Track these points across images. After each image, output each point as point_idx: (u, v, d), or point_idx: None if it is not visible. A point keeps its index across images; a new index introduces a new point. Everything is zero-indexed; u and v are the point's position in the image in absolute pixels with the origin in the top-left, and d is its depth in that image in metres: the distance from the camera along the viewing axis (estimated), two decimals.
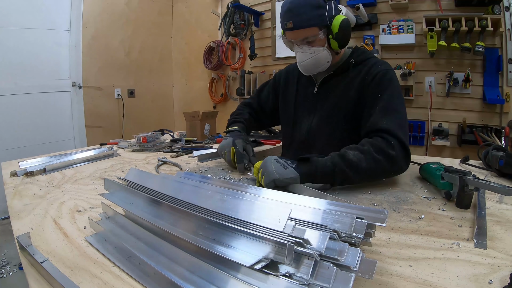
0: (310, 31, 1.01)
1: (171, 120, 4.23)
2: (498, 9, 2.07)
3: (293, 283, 0.39)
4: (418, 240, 0.59)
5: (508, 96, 2.15)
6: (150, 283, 0.46)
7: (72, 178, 1.09)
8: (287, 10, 1.03)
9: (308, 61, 1.06)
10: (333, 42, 1.03)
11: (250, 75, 3.28)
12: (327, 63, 1.08)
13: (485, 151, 1.08)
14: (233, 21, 3.27)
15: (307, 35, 1.02)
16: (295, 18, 1.01)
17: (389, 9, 2.51)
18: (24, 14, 2.80)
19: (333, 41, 1.03)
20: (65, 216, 0.74)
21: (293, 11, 1.01)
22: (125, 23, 3.63)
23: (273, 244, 0.41)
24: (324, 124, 1.13)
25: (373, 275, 0.39)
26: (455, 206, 0.74)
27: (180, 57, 4.16)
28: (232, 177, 1.06)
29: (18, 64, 2.80)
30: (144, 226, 0.57)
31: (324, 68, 1.09)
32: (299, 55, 1.07)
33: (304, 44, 1.05)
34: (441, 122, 2.39)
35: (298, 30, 1.02)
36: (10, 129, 2.78)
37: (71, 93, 3.21)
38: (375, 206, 0.77)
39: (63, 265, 0.52)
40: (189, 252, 0.47)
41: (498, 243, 0.56)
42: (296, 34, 1.04)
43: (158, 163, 1.29)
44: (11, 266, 1.97)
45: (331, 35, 1.02)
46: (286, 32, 1.06)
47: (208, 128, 1.92)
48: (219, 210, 0.50)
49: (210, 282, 0.42)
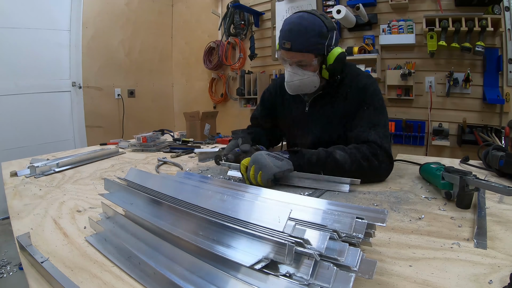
0: (306, 56, 1.03)
1: (171, 120, 4.23)
2: (498, 9, 2.07)
3: (293, 283, 0.39)
4: (418, 240, 0.58)
5: (508, 96, 2.15)
6: (150, 283, 0.46)
7: (72, 178, 1.09)
8: (289, 29, 1.02)
9: (296, 82, 1.08)
10: (325, 72, 1.06)
11: (250, 75, 3.28)
12: (314, 88, 1.10)
13: (485, 151, 1.08)
14: (233, 21, 3.27)
15: (301, 59, 1.04)
16: (294, 40, 1.01)
17: (389, 9, 2.51)
18: (25, 14, 2.79)
19: (325, 71, 1.05)
20: (65, 216, 0.74)
21: (294, 32, 1.01)
22: (125, 23, 3.63)
23: (273, 244, 0.41)
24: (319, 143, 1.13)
25: (373, 275, 0.39)
26: (455, 206, 0.74)
27: (180, 57, 4.16)
28: (232, 177, 1.06)
29: (18, 64, 2.80)
30: (144, 226, 0.57)
31: (309, 91, 1.11)
32: (288, 74, 1.08)
33: (296, 66, 1.06)
34: (441, 122, 2.39)
35: (294, 52, 1.03)
36: (10, 129, 2.78)
37: (71, 93, 3.21)
38: (375, 206, 0.77)
39: (63, 265, 0.52)
40: (189, 252, 0.47)
41: (498, 243, 0.56)
42: (291, 55, 1.04)
43: (158, 163, 1.29)
44: (11, 266, 1.97)
45: (324, 65, 1.04)
46: (282, 50, 1.06)
47: (208, 128, 1.92)
48: (219, 210, 0.50)
49: (210, 282, 0.42)
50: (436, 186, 0.84)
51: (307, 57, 1.03)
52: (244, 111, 3.51)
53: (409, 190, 0.88)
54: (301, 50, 1.02)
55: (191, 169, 1.21)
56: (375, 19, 2.57)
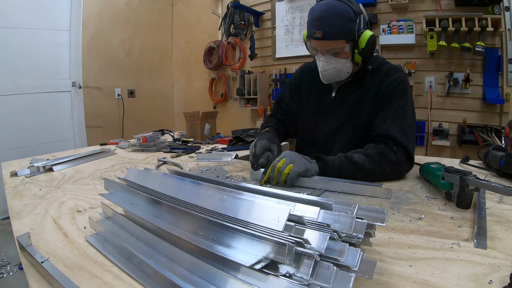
0: (338, 43, 1.01)
1: (171, 120, 4.23)
2: (498, 9, 2.07)
3: (293, 283, 0.39)
4: (418, 240, 0.58)
5: (508, 96, 2.15)
6: (150, 283, 0.46)
7: (72, 178, 1.09)
8: (318, 18, 1.00)
9: (331, 71, 1.06)
10: (358, 56, 1.04)
11: (250, 75, 3.28)
12: (347, 74, 1.09)
13: (485, 151, 1.08)
14: (233, 21, 3.27)
15: (334, 47, 1.02)
16: (325, 28, 0.99)
17: (389, 9, 2.51)
18: (24, 14, 2.80)
19: (357, 55, 1.03)
20: (65, 216, 0.74)
21: (324, 20, 0.99)
22: (125, 23, 3.63)
23: (273, 244, 0.41)
24: (342, 130, 1.15)
25: (373, 275, 0.39)
26: (455, 206, 0.74)
27: (180, 57, 4.16)
28: (231, 176, 1.06)
29: (18, 64, 2.80)
30: (144, 226, 0.57)
31: (344, 77, 1.10)
32: (322, 64, 1.07)
33: (329, 54, 1.04)
34: (441, 122, 2.39)
35: (326, 40, 1.01)
36: (10, 129, 2.78)
37: (71, 93, 3.21)
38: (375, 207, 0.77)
39: (63, 265, 0.52)
40: (189, 252, 0.47)
41: (498, 243, 0.56)
42: (323, 44, 1.03)
43: (158, 163, 1.29)
44: (11, 266, 1.97)
45: (357, 49, 1.03)
46: (312, 40, 1.05)
47: (208, 128, 1.92)
48: (218, 210, 0.50)
49: (210, 282, 0.42)
50: (436, 186, 0.84)
51: (339, 44, 1.01)
52: (244, 111, 3.51)
53: (409, 190, 0.88)
54: (333, 38, 1.00)
55: (191, 169, 1.21)
56: (375, 19, 2.57)
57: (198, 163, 1.30)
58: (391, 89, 1.05)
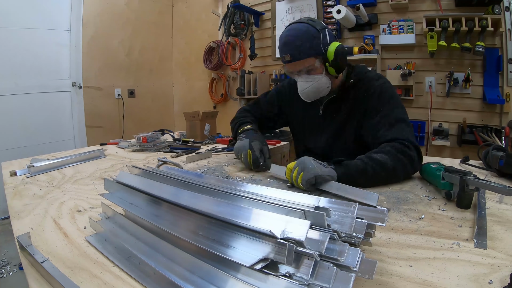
0: (307, 62, 1.07)
1: (171, 120, 4.23)
2: (498, 9, 2.07)
3: (293, 283, 0.39)
4: (418, 240, 0.58)
5: (508, 96, 2.15)
6: (150, 283, 0.46)
7: (72, 178, 1.09)
8: (284, 44, 1.08)
9: (309, 88, 1.11)
10: (330, 68, 1.08)
11: (250, 75, 3.28)
12: (327, 88, 1.12)
13: (485, 151, 1.08)
14: (233, 21, 3.27)
15: (305, 65, 1.07)
16: (291, 51, 1.06)
17: (389, 9, 2.51)
18: (24, 14, 2.79)
19: (330, 68, 1.08)
20: (65, 216, 0.74)
21: (289, 45, 1.06)
22: (125, 23, 3.63)
23: (273, 244, 0.41)
24: (334, 143, 1.19)
25: (373, 275, 0.39)
26: (455, 206, 0.74)
27: (180, 57, 4.16)
28: (230, 175, 1.06)
29: (18, 64, 2.80)
30: (144, 226, 0.57)
31: (325, 93, 1.14)
32: (300, 83, 1.12)
33: (304, 73, 1.10)
34: (441, 122, 2.39)
35: (296, 62, 1.07)
36: (10, 129, 2.78)
37: (71, 93, 3.21)
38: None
39: (63, 265, 0.52)
40: (189, 252, 0.47)
41: (498, 243, 0.56)
42: (294, 66, 1.09)
43: (158, 163, 1.29)
44: (11, 266, 1.97)
45: (327, 63, 1.07)
46: (286, 64, 1.11)
47: (208, 128, 1.92)
48: (219, 214, 0.49)
49: (210, 282, 0.42)
50: (436, 186, 0.84)
51: (308, 62, 1.06)
52: None
53: (409, 190, 0.88)
54: (301, 58, 1.06)
55: (191, 169, 1.21)
56: (375, 19, 2.57)
57: (198, 163, 1.30)
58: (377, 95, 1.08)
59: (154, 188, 0.62)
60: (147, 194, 0.62)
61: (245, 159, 1.12)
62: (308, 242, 0.40)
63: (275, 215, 0.44)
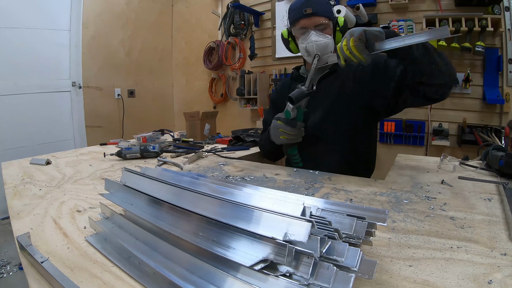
0: (325, 19, 1.13)
1: (171, 120, 4.23)
2: (498, 9, 2.07)
3: (292, 283, 0.39)
4: (418, 240, 0.59)
5: (508, 96, 2.15)
6: (150, 283, 0.46)
7: (72, 178, 1.09)
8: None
9: (322, 42, 1.12)
10: (339, 34, 1.15)
11: (250, 75, 3.28)
12: (330, 53, 1.13)
13: (485, 151, 1.08)
14: (233, 21, 3.27)
15: (322, 22, 1.12)
16: (314, 5, 1.11)
17: (389, 9, 2.50)
18: (25, 14, 2.80)
19: (338, 33, 1.15)
20: (65, 216, 0.74)
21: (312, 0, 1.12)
22: (125, 23, 3.63)
23: (273, 245, 0.41)
24: (329, 116, 1.21)
25: (373, 275, 0.39)
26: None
27: (180, 57, 4.16)
28: (231, 175, 1.06)
29: (18, 64, 2.80)
30: (144, 226, 0.57)
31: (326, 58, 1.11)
32: (313, 35, 1.12)
33: (317, 30, 1.13)
34: (441, 122, 2.39)
35: (316, 16, 1.12)
36: (10, 129, 2.78)
37: (71, 93, 3.21)
38: (376, 207, 0.77)
39: (63, 265, 0.52)
40: (188, 252, 0.47)
41: (498, 243, 0.56)
42: (313, 20, 1.12)
43: (158, 163, 1.29)
44: (11, 266, 1.97)
45: (338, 28, 1.15)
46: (302, 20, 1.13)
47: (208, 128, 1.92)
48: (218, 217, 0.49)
49: (210, 282, 0.42)
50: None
51: (326, 20, 1.13)
52: (244, 111, 3.51)
53: (409, 190, 0.88)
54: (322, 13, 1.12)
55: (191, 169, 1.21)
56: (375, 19, 2.57)
57: (198, 163, 1.30)
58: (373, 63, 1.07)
59: (155, 189, 0.63)
60: (147, 195, 0.62)
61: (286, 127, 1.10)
62: (308, 243, 0.40)
63: (275, 216, 0.44)
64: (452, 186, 0.91)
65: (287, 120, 1.10)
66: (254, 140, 1.76)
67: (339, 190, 0.89)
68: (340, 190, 0.90)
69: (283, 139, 1.12)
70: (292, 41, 1.24)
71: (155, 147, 1.41)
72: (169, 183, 0.60)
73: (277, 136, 1.14)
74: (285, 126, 1.10)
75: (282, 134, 1.11)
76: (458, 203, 0.77)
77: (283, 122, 1.10)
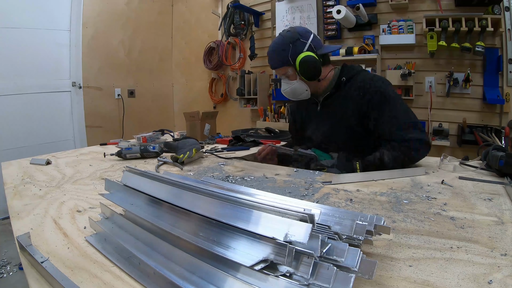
0: (282, 70, 1.26)
1: (171, 120, 4.23)
2: (498, 9, 2.07)
3: (292, 283, 0.39)
4: (418, 240, 0.59)
5: (508, 96, 2.15)
6: (150, 283, 0.46)
7: (72, 178, 1.09)
8: (268, 53, 1.30)
9: (287, 90, 1.29)
10: (301, 76, 1.24)
11: (250, 75, 3.28)
12: (305, 91, 1.27)
13: (485, 151, 1.08)
14: (233, 21, 3.27)
15: (282, 72, 1.28)
16: (270, 61, 1.30)
17: (389, 9, 2.51)
18: (24, 14, 2.80)
19: (301, 76, 1.23)
20: (65, 216, 0.74)
21: (269, 54, 1.29)
22: (125, 23, 3.63)
23: (274, 245, 0.41)
24: (333, 134, 1.31)
25: (373, 275, 0.39)
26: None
27: (180, 57, 4.16)
28: (231, 175, 1.06)
29: (18, 64, 2.80)
30: (144, 226, 0.57)
31: (305, 95, 1.29)
32: (282, 85, 1.32)
33: (284, 78, 1.29)
34: (441, 122, 2.39)
35: (277, 69, 1.28)
36: (10, 129, 2.78)
37: (71, 93, 3.21)
38: (376, 207, 0.77)
39: (63, 265, 0.52)
40: (188, 252, 0.47)
41: (498, 243, 0.56)
42: (278, 72, 1.30)
43: (158, 163, 1.29)
44: (11, 266, 1.97)
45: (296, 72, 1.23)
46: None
47: (208, 128, 1.92)
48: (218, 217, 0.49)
49: (210, 282, 0.42)
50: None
51: (283, 70, 1.26)
52: (244, 111, 3.51)
53: (409, 190, 0.88)
54: (277, 67, 1.27)
55: (191, 169, 1.21)
56: (375, 19, 2.57)
57: (198, 163, 1.30)
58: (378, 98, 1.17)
59: (155, 189, 0.63)
60: (148, 195, 0.62)
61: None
62: (309, 244, 0.40)
63: (276, 218, 0.44)
64: (452, 186, 0.91)
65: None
66: (254, 140, 1.76)
67: (339, 190, 0.89)
68: (340, 190, 0.90)
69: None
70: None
71: (155, 147, 1.41)
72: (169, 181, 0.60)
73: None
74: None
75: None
76: (458, 203, 0.77)
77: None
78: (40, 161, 1.30)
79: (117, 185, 0.71)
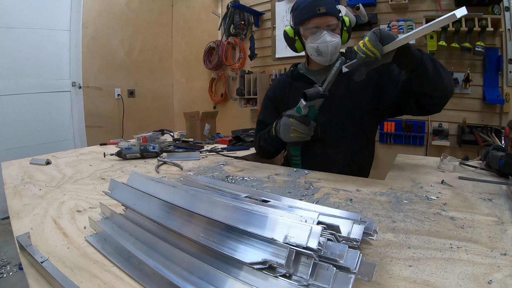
0: (335, 19, 1.15)
1: (171, 120, 4.23)
2: (498, 9, 2.07)
3: (292, 284, 0.39)
4: (418, 240, 0.58)
5: (508, 96, 2.15)
6: (150, 283, 0.46)
7: (72, 178, 1.09)
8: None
9: (334, 42, 1.14)
10: (345, 34, 1.17)
11: (250, 75, 3.28)
12: (339, 52, 1.18)
13: (485, 151, 1.08)
14: (233, 21, 3.27)
15: (333, 21, 1.14)
16: (327, 5, 1.12)
17: (389, 9, 2.51)
18: (25, 14, 2.80)
19: (344, 33, 1.17)
20: (65, 216, 0.74)
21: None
22: (125, 23, 3.63)
23: (274, 246, 0.41)
24: (335, 120, 1.21)
25: (372, 277, 0.39)
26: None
27: (180, 57, 4.16)
28: (231, 175, 1.06)
29: (18, 64, 2.80)
30: (144, 226, 0.57)
31: (334, 58, 1.17)
32: (327, 36, 1.14)
33: (328, 30, 1.14)
34: (441, 122, 2.39)
35: (328, 16, 1.13)
36: (10, 129, 2.78)
37: (71, 93, 3.21)
38: (376, 207, 0.77)
39: (63, 265, 0.52)
40: (188, 253, 0.47)
41: (498, 243, 0.56)
42: (326, 19, 1.13)
43: (158, 163, 1.29)
44: (11, 266, 1.97)
45: (345, 27, 1.17)
46: (314, 19, 1.13)
47: (208, 128, 1.92)
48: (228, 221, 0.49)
49: (209, 282, 0.42)
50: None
51: (336, 19, 1.15)
52: (244, 111, 3.51)
53: (409, 190, 0.88)
54: (334, 13, 1.14)
55: (191, 169, 1.21)
56: (375, 19, 2.57)
57: (198, 163, 1.30)
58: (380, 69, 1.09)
59: (155, 189, 0.63)
60: (147, 195, 0.62)
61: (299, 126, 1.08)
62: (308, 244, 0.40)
63: (277, 218, 0.44)
64: (452, 186, 0.91)
65: (301, 118, 1.07)
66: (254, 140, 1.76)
67: (339, 190, 0.89)
68: (340, 190, 0.90)
69: (293, 137, 1.10)
70: (298, 40, 1.23)
71: (155, 147, 1.41)
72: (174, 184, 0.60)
73: (287, 133, 1.10)
74: (299, 124, 1.07)
75: (294, 132, 1.09)
76: (458, 203, 0.77)
77: (297, 120, 1.07)
78: (40, 161, 1.30)
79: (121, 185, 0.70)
